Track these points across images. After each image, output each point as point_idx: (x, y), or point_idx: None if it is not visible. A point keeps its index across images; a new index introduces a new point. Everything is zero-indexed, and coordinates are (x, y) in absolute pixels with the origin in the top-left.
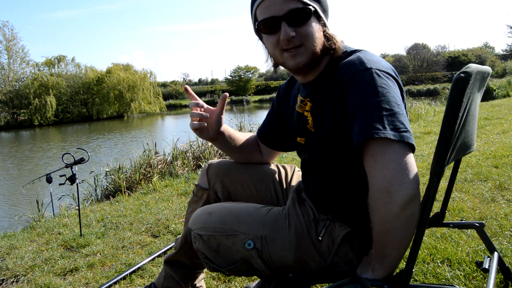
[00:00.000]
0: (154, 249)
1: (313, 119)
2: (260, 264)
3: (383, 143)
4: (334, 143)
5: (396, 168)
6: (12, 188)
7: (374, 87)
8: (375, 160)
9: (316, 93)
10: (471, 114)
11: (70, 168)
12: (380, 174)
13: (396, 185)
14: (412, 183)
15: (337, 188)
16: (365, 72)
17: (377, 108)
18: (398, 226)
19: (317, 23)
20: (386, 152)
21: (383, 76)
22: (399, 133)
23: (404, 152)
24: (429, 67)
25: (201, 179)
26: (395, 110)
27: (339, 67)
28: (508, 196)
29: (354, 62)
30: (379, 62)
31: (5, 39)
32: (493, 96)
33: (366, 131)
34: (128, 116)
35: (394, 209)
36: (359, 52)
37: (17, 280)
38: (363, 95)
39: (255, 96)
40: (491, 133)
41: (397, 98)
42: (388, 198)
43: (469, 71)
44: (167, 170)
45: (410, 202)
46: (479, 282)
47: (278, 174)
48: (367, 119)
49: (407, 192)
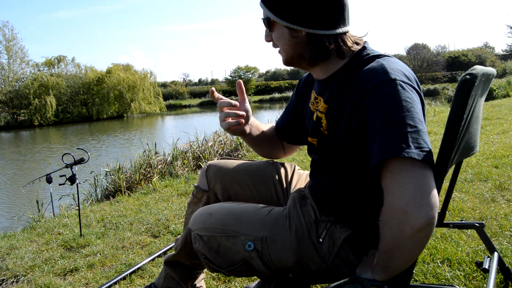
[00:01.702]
0: (154, 249)
1: (327, 123)
2: (260, 265)
3: (406, 162)
4: (346, 150)
5: (416, 189)
6: (12, 188)
7: (398, 101)
8: (394, 177)
9: (332, 95)
10: (475, 116)
11: (70, 168)
12: (399, 193)
13: (414, 207)
14: (431, 206)
15: (344, 190)
16: (388, 84)
17: (402, 124)
18: (409, 246)
19: (283, 30)
20: (407, 171)
21: (408, 89)
22: (423, 152)
23: (425, 172)
24: (429, 67)
25: (200, 181)
26: (419, 128)
27: (361, 74)
28: (508, 196)
29: (377, 71)
30: (403, 72)
31: (5, 39)
32: (493, 96)
33: (390, 149)
34: (128, 116)
35: (408, 231)
36: (382, 58)
37: (17, 280)
38: (386, 109)
39: (255, 96)
40: (491, 133)
41: (420, 114)
42: (404, 219)
43: (475, 73)
44: (167, 170)
45: (426, 227)
46: (479, 282)
47: (278, 174)
48: (391, 136)
49: (424, 215)
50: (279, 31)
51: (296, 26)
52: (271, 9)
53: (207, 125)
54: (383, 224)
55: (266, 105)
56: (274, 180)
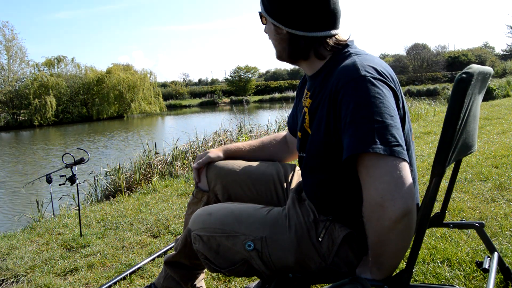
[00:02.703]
0: (154, 249)
1: (310, 120)
2: (260, 265)
3: (375, 157)
4: (330, 148)
5: (389, 181)
6: (12, 188)
7: (367, 96)
8: (367, 172)
9: (315, 91)
10: (472, 114)
11: (70, 168)
12: (373, 187)
13: (388, 199)
14: (405, 197)
15: (337, 189)
16: (358, 80)
17: (368, 120)
18: (392, 238)
19: (271, 25)
20: (378, 166)
21: (378, 84)
22: (390, 147)
23: (397, 165)
24: (429, 67)
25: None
26: (387, 123)
27: (336, 71)
28: (508, 196)
29: (349, 68)
30: (374, 67)
31: (5, 39)
32: (493, 96)
33: (356, 145)
34: (128, 116)
35: (387, 223)
36: (357, 55)
37: (17, 280)
38: (354, 106)
39: (255, 97)
40: (491, 133)
41: (390, 109)
42: (381, 212)
43: (471, 71)
44: (167, 170)
45: (403, 217)
46: (479, 282)
47: (278, 174)
48: (357, 132)
49: (400, 206)
50: (268, 26)
51: (279, 24)
52: (263, 5)
53: (207, 125)
54: (365, 219)
55: (266, 105)
56: (274, 181)
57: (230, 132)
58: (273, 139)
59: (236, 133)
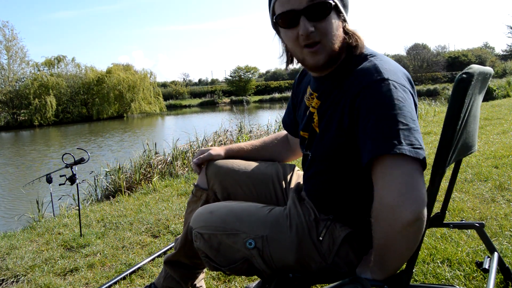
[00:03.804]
0: (154, 249)
1: (319, 120)
2: (260, 263)
3: (397, 158)
4: (338, 149)
5: (406, 184)
6: (12, 188)
7: (390, 99)
8: (383, 173)
9: (326, 92)
10: (473, 115)
11: (70, 168)
12: (388, 188)
13: (401, 202)
14: (419, 202)
15: (339, 188)
16: (381, 83)
17: (394, 122)
18: (401, 242)
19: (336, 18)
20: (397, 167)
21: (400, 89)
22: (415, 149)
23: (416, 169)
24: (429, 67)
25: (200, 179)
26: (410, 126)
27: (354, 73)
28: (508, 196)
29: (370, 71)
30: (396, 72)
31: (5, 39)
32: (493, 96)
33: (382, 146)
34: (128, 116)
35: (397, 226)
36: (375, 57)
37: (17, 280)
38: (378, 108)
39: (255, 97)
40: (491, 133)
41: (413, 114)
42: (392, 214)
43: (471, 72)
44: (167, 170)
45: (415, 221)
46: (479, 282)
47: (277, 174)
48: (383, 133)
49: (413, 210)
50: (333, 19)
51: (346, 14)
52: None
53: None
54: (374, 220)
55: (266, 105)
56: (273, 180)
57: (230, 132)
58: (274, 139)
59: (236, 133)
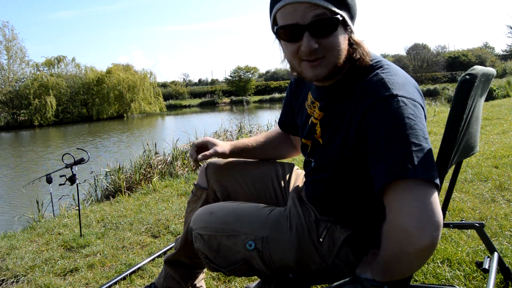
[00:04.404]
0: (154, 249)
1: (322, 131)
2: (260, 264)
3: (410, 181)
4: (343, 159)
5: (420, 208)
6: (12, 188)
7: (401, 118)
8: (397, 196)
9: (329, 103)
10: (475, 116)
11: (70, 168)
12: (402, 212)
13: (418, 227)
14: (435, 227)
15: (341, 194)
16: (390, 100)
17: (406, 143)
18: (410, 262)
19: (343, 32)
20: (412, 191)
21: (410, 105)
22: (429, 171)
23: (431, 192)
24: (429, 67)
25: (200, 179)
26: (423, 146)
27: (360, 86)
28: (508, 196)
29: (377, 86)
30: (405, 84)
31: (5, 39)
32: (493, 96)
33: (395, 171)
34: (128, 116)
35: (410, 250)
36: (382, 68)
37: (17, 280)
38: (389, 127)
39: (255, 97)
40: (491, 133)
41: (424, 131)
42: (407, 239)
43: (475, 73)
44: (167, 170)
45: (430, 247)
46: (479, 282)
47: (276, 173)
48: (395, 157)
49: (428, 236)
50: (340, 33)
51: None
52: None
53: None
54: (384, 238)
55: (266, 105)
56: (272, 180)
57: (230, 132)
58: (276, 132)
59: (236, 133)
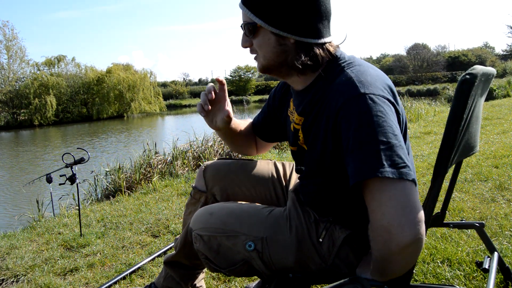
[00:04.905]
0: (154, 249)
1: (304, 137)
2: (260, 265)
3: (383, 180)
4: (330, 163)
5: (396, 207)
6: (12, 188)
7: (368, 116)
8: (373, 196)
9: (307, 108)
10: (475, 115)
11: (70, 168)
12: (380, 212)
13: (396, 226)
14: (414, 224)
15: (336, 196)
16: (358, 99)
17: (373, 142)
18: (398, 260)
19: (269, 36)
20: (386, 190)
21: (379, 102)
22: (398, 169)
23: (405, 189)
24: (429, 67)
25: (198, 182)
26: (392, 143)
27: (332, 88)
28: (508, 196)
29: (347, 86)
30: (373, 82)
31: (5, 39)
32: (493, 96)
33: (364, 170)
34: (128, 116)
35: (393, 249)
36: (352, 68)
37: (17, 280)
38: (356, 128)
39: (255, 96)
40: (491, 133)
41: (394, 128)
42: (388, 237)
43: (475, 72)
44: (167, 170)
45: (412, 243)
46: (479, 282)
47: (276, 173)
48: (363, 156)
49: (408, 233)
50: (264, 38)
51: (286, 33)
52: (258, 14)
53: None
54: (371, 239)
55: None
56: (273, 180)
57: None
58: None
59: None
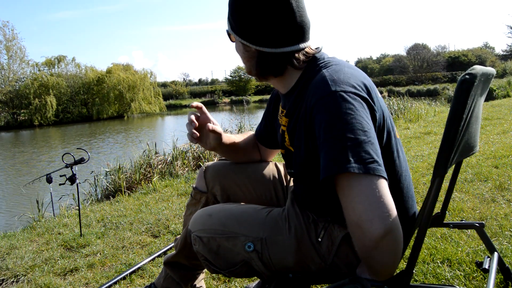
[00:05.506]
0: (154, 249)
1: (290, 139)
2: (260, 266)
3: (349, 177)
4: (314, 163)
5: (364, 202)
6: (12, 188)
7: (338, 113)
8: (343, 193)
9: (291, 109)
10: (475, 115)
11: (70, 168)
12: (350, 208)
13: (366, 220)
14: (383, 217)
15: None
16: (328, 97)
17: (340, 138)
18: (378, 254)
19: (239, 43)
20: (353, 186)
21: (349, 98)
22: (365, 165)
23: (372, 184)
24: (429, 67)
25: (199, 182)
26: (360, 139)
27: (309, 89)
28: (508, 196)
29: (319, 85)
30: (346, 80)
31: (5, 39)
32: (493, 96)
33: (330, 166)
34: (128, 116)
35: (368, 244)
36: (327, 68)
37: (17, 280)
38: (326, 125)
39: (255, 96)
40: (491, 133)
41: (363, 124)
42: (361, 233)
43: (474, 72)
44: (167, 170)
45: (384, 237)
46: (479, 282)
47: (277, 173)
48: (330, 152)
49: (378, 227)
50: (237, 44)
51: (247, 42)
52: (229, 23)
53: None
54: (351, 237)
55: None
56: (273, 180)
57: (230, 132)
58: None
59: (236, 133)
